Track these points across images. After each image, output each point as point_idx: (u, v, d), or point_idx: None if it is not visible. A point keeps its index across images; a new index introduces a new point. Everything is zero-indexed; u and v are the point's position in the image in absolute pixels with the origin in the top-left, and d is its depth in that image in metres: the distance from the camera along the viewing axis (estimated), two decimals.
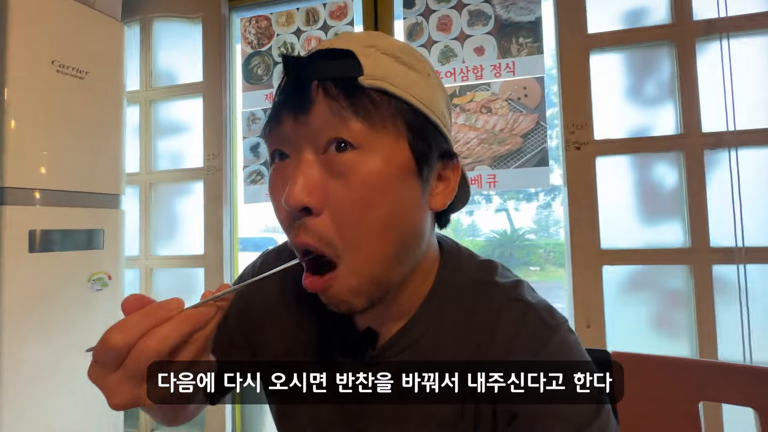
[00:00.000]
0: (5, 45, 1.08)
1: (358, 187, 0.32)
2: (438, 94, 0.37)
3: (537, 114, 1.37)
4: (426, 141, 0.34)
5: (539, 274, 8.18)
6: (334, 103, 0.31)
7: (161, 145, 1.66)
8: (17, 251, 1.09)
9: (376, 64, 0.33)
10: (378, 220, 0.32)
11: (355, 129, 0.31)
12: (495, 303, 0.38)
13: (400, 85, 0.33)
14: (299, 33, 1.59)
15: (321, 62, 0.33)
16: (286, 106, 0.33)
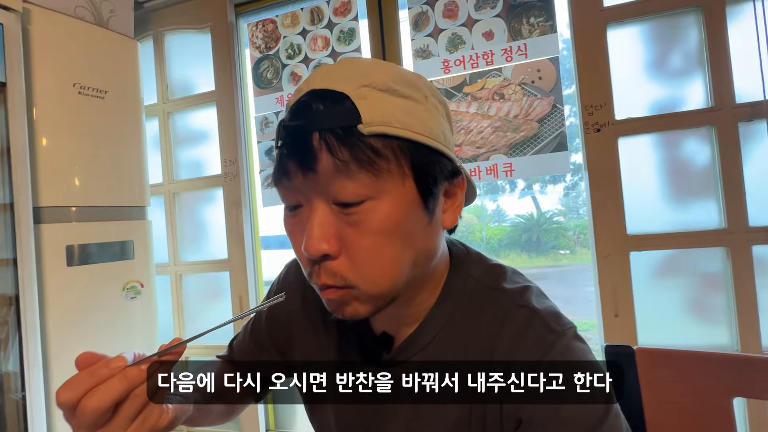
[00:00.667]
0: (31, 71, 1.14)
1: (370, 233, 0.34)
2: (437, 116, 0.38)
3: (553, 97, 1.31)
4: (430, 173, 0.36)
5: (570, 258, 7.92)
6: (338, 159, 0.32)
7: (182, 154, 1.71)
8: (56, 266, 1.16)
9: (373, 107, 0.33)
10: (390, 257, 0.35)
11: (362, 183, 0.33)
12: (501, 308, 0.39)
13: (399, 123, 0.34)
14: (305, 33, 1.59)
15: (318, 111, 0.33)
16: (292, 159, 0.34)
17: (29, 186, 1.09)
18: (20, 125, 1.08)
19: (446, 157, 0.37)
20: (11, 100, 1.06)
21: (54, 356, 1.14)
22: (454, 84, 1.42)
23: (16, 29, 1.08)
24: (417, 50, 1.45)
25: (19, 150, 1.07)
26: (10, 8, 1.07)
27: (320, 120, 0.33)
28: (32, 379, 1.06)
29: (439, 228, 0.39)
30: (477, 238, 8.39)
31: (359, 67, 0.36)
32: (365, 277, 0.35)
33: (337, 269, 0.35)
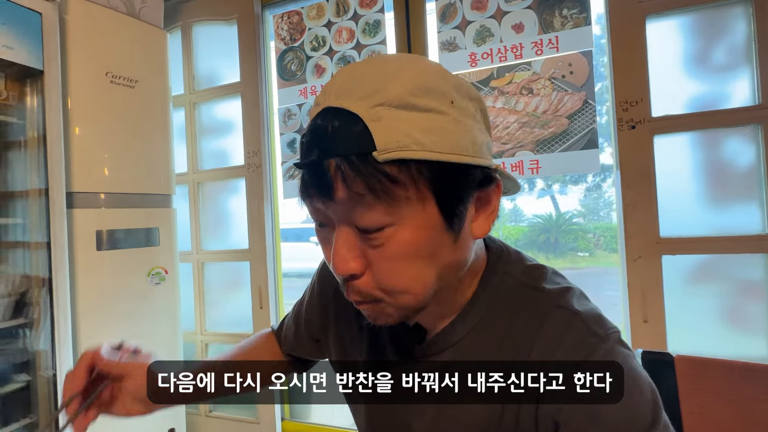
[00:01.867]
0: (66, 59, 1.17)
1: (392, 256, 0.34)
2: (467, 121, 0.35)
3: (584, 92, 1.26)
4: (454, 193, 0.34)
5: (588, 260, 7.72)
6: (353, 188, 0.32)
7: (207, 145, 1.74)
8: (87, 249, 1.20)
9: (388, 129, 0.31)
10: (412, 277, 0.35)
11: (378, 212, 0.32)
12: (539, 309, 0.38)
13: (417, 145, 0.32)
14: (330, 25, 1.58)
15: (332, 135, 0.32)
16: (312, 186, 0.34)
17: (63, 172, 1.13)
18: (56, 113, 1.11)
19: (477, 166, 0.35)
20: (48, 89, 1.09)
21: (83, 336, 1.17)
22: (480, 78, 1.39)
23: (53, 18, 1.11)
24: (443, 43, 1.42)
25: (54, 137, 1.10)
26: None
27: (335, 145, 0.32)
28: (62, 358, 1.10)
29: (468, 241, 0.38)
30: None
31: (376, 77, 0.34)
32: (390, 294, 0.35)
33: (363, 288, 0.35)
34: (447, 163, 0.33)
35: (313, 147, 0.33)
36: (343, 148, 0.32)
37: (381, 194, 0.31)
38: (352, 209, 0.33)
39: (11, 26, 1.02)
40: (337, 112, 0.33)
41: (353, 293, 0.36)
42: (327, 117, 0.33)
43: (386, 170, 0.31)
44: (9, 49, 1.01)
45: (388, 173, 0.31)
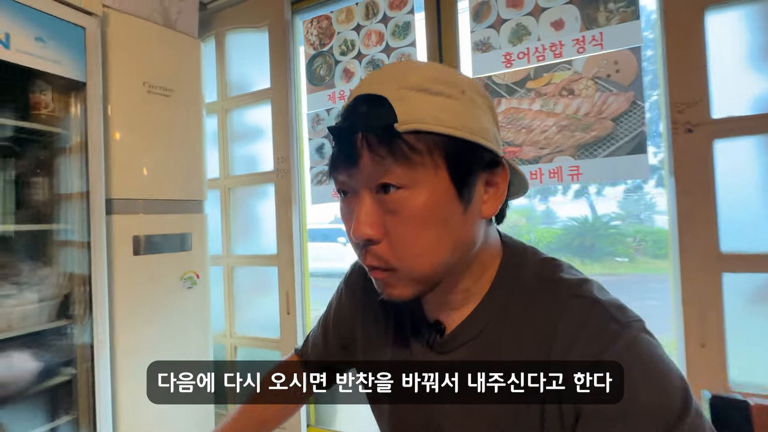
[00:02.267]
0: (107, 70, 1.22)
1: (407, 219, 0.37)
2: (474, 109, 0.39)
3: (632, 92, 1.17)
4: (464, 164, 0.38)
5: (628, 266, 7.28)
6: (376, 153, 0.36)
7: (239, 150, 1.77)
8: (124, 254, 1.24)
9: (409, 106, 0.36)
10: (426, 243, 0.38)
11: (397, 173, 0.36)
12: (558, 299, 0.39)
13: (432, 120, 0.36)
14: (359, 29, 1.56)
15: (361, 114, 0.38)
16: (340, 158, 0.39)
17: (103, 178, 1.17)
18: (97, 123, 1.15)
19: (485, 148, 0.38)
20: (90, 99, 1.14)
21: (120, 335, 1.22)
22: (516, 79, 1.32)
23: (96, 32, 1.15)
24: (476, 43, 1.36)
25: (95, 145, 1.15)
26: (92, 13, 1.14)
27: (363, 122, 0.37)
28: (100, 353, 1.14)
29: (477, 216, 0.40)
30: (525, 240, 8.02)
31: (398, 70, 0.40)
32: (404, 261, 0.38)
33: (380, 253, 0.38)
34: (458, 138, 0.37)
35: (343, 125, 0.39)
36: (369, 123, 0.37)
37: (400, 157, 0.36)
38: (374, 172, 0.37)
39: (58, 41, 1.06)
40: (367, 97, 0.38)
41: (371, 257, 0.39)
42: (358, 102, 0.39)
43: (406, 138, 0.36)
44: (56, 63, 1.06)
45: (407, 140, 0.36)
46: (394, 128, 0.36)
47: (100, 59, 1.16)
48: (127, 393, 1.21)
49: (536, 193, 7.59)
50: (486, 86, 1.36)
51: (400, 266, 0.38)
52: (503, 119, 1.33)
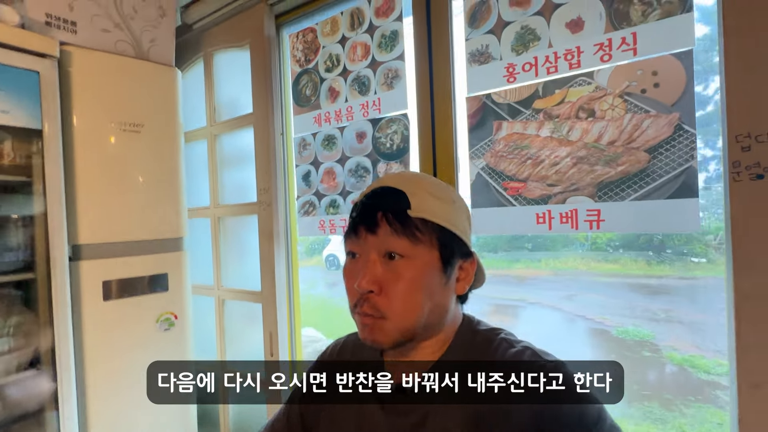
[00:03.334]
0: (70, 111, 1.17)
1: (404, 281, 0.49)
2: (461, 214, 0.54)
3: (677, 113, 0.86)
4: (450, 249, 0.51)
5: (705, 268, 6.27)
6: (392, 227, 0.49)
7: (230, 177, 1.69)
8: (93, 301, 1.21)
9: (420, 201, 0.50)
10: (414, 301, 0.49)
11: (403, 245, 0.49)
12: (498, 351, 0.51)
13: (435, 214, 0.50)
14: (344, 41, 1.37)
15: (384, 199, 0.51)
16: (362, 224, 0.51)
17: (64, 225, 1.13)
18: (56, 169, 1.11)
19: (463, 242, 0.53)
20: (48, 147, 1.09)
21: (89, 381, 1.19)
22: (519, 98, 1.05)
23: (52, 75, 1.10)
24: (472, 53, 1.11)
25: (54, 192, 1.11)
26: (47, 54, 1.09)
27: (385, 203, 0.51)
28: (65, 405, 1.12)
29: (452, 291, 0.53)
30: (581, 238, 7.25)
31: (414, 177, 0.55)
32: (395, 311, 0.49)
33: (377, 302, 0.49)
34: (449, 231, 0.51)
35: (371, 202, 0.52)
36: (390, 205, 0.50)
37: (409, 234, 0.49)
38: (386, 239, 0.49)
39: (7, 90, 1.02)
40: (390, 189, 0.52)
41: (368, 306, 0.49)
42: (382, 190, 0.52)
43: (415, 222, 0.50)
44: (4, 113, 1.02)
45: (416, 223, 0.50)
46: (408, 213, 0.49)
47: (57, 103, 1.11)
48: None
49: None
50: (483, 106, 1.10)
51: (391, 316, 0.48)
52: (504, 147, 1.07)
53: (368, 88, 1.32)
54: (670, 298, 5.04)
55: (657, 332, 4.17)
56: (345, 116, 1.38)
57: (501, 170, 1.08)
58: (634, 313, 4.72)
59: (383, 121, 1.30)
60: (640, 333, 4.23)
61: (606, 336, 4.32)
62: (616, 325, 4.40)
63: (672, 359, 3.72)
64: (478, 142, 1.12)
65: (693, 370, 3.36)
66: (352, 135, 1.37)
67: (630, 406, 3.22)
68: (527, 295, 5.26)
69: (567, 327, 4.50)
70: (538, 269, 6.04)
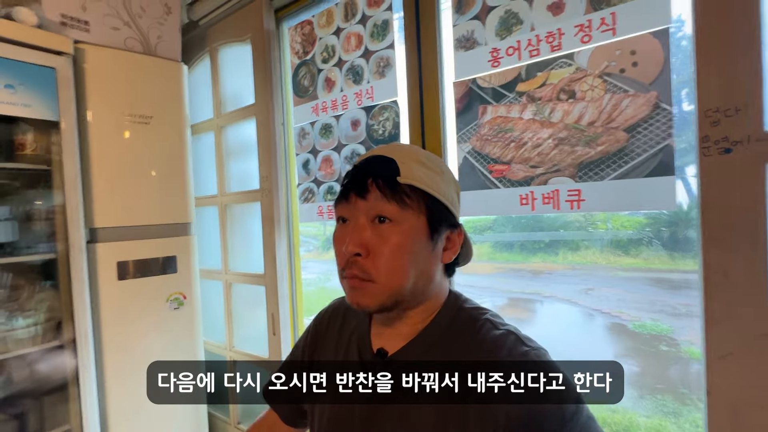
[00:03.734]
0: (84, 105, 1.27)
1: (391, 244, 0.48)
2: (450, 186, 0.54)
3: (655, 91, 0.86)
4: (438, 217, 0.51)
5: None
6: (381, 192, 0.49)
7: (236, 167, 1.77)
8: (109, 280, 1.31)
9: (409, 169, 0.50)
10: (401, 264, 0.49)
11: (392, 209, 0.49)
12: (481, 331, 0.50)
13: (423, 182, 0.50)
14: (339, 32, 1.42)
15: (375, 166, 0.51)
16: (353, 189, 0.50)
17: (81, 210, 1.23)
18: (72, 158, 1.21)
19: (451, 212, 0.53)
20: (64, 138, 1.19)
21: (107, 357, 1.30)
22: (504, 81, 1.07)
23: (67, 72, 1.20)
24: (459, 39, 1.13)
25: (71, 179, 1.21)
26: (62, 52, 1.18)
27: (376, 170, 0.50)
28: (85, 377, 1.23)
29: (438, 259, 0.53)
30: (600, 229, 7.08)
31: (404, 148, 0.55)
32: (381, 273, 0.48)
33: (364, 265, 0.48)
34: (437, 199, 0.51)
35: (362, 169, 0.51)
36: (381, 172, 0.50)
37: (396, 198, 0.49)
38: (376, 203, 0.49)
39: (28, 85, 1.12)
40: (381, 157, 0.52)
41: (356, 268, 0.49)
42: (373, 158, 0.53)
43: (403, 188, 0.49)
44: (26, 107, 1.12)
45: (404, 190, 0.49)
46: (397, 179, 0.49)
47: (73, 96, 1.21)
48: (116, 413, 1.30)
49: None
50: (469, 91, 1.13)
51: (377, 278, 0.48)
52: (488, 131, 1.10)
53: (362, 77, 1.37)
54: (692, 292, 4.87)
55: (676, 327, 4.05)
56: (340, 105, 1.43)
57: (486, 153, 1.10)
58: (654, 308, 4.59)
59: (376, 109, 1.34)
60: (658, 327, 4.13)
61: (622, 330, 4.24)
62: (633, 319, 4.31)
63: (691, 354, 3.62)
64: (464, 126, 1.14)
65: None
66: (347, 123, 1.42)
67: (643, 398, 3.17)
68: (543, 289, 5.20)
69: (583, 320, 4.44)
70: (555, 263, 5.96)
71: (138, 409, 1.35)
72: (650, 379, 3.56)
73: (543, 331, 0.76)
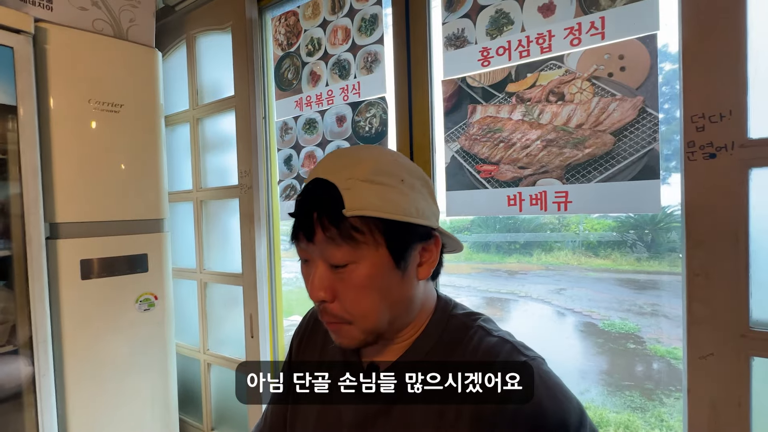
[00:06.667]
0: (46, 89, 1.17)
1: (354, 288, 0.46)
2: (413, 194, 0.48)
3: (642, 96, 0.87)
4: (401, 241, 0.47)
5: None
6: (328, 233, 0.45)
7: (213, 161, 1.69)
8: (71, 280, 1.21)
9: (355, 196, 0.45)
10: (370, 304, 0.47)
11: (344, 254, 0.45)
12: (474, 340, 0.48)
13: (374, 207, 0.45)
14: (325, 25, 1.38)
15: (317, 196, 0.46)
16: (301, 231, 0.47)
17: (41, 203, 1.13)
18: (31, 147, 1.11)
19: (419, 225, 0.48)
20: (23, 125, 1.09)
21: (68, 364, 1.20)
22: (494, 81, 1.06)
23: (26, 52, 1.10)
24: (448, 37, 1.12)
25: (30, 169, 1.11)
26: (21, 30, 1.08)
27: (318, 204, 0.46)
28: (42, 384, 1.13)
29: (414, 279, 0.49)
30: (572, 232, 7.30)
31: (349, 162, 0.48)
32: (353, 315, 0.47)
33: (333, 311, 0.47)
34: (395, 221, 0.46)
35: (304, 204, 0.47)
36: (323, 206, 0.45)
37: (347, 238, 0.45)
38: (326, 248, 0.45)
39: None
40: (322, 182, 0.46)
41: (326, 314, 0.48)
42: (315, 184, 0.47)
43: (351, 222, 0.45)
44: None
45: (353, 224, 0.45)
46: (342, 213, 0.44)
47: (32, 79, 1.11)
48: (78, 424, 1.20)
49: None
50: (458, 90, 1.12)
51: (353, 320, 0.47)
52: (477, 131, 1.09)
53: (348, 72, 1.33)
54: (657, 293, 5.12)
55: (642, 325, 4.24)
56: (326, 100, 1.39)
57: (474, 153, 1.10)
58: (622, 307, 4.79)
59: (362, 105, 1.31)
60: (626, 326, 4.30)
61: (592, 328, 4.39)
62: (603, 318, 4.47)
63: (656, 351, 3.79)
64: (453, 125, 1.13)
65: (675, 362, 3.43)
66: (332, 119, 1.38)
67: (612, 395, 3.28)
68: (518, 289, 5.30)
69: (556, 319, 4.55)
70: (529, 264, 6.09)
71: (102, 418, 1.26)
72: (619, 376, 3.70)
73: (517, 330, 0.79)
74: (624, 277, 5.50)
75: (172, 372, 1.44)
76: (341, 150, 0.51)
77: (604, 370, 3.67)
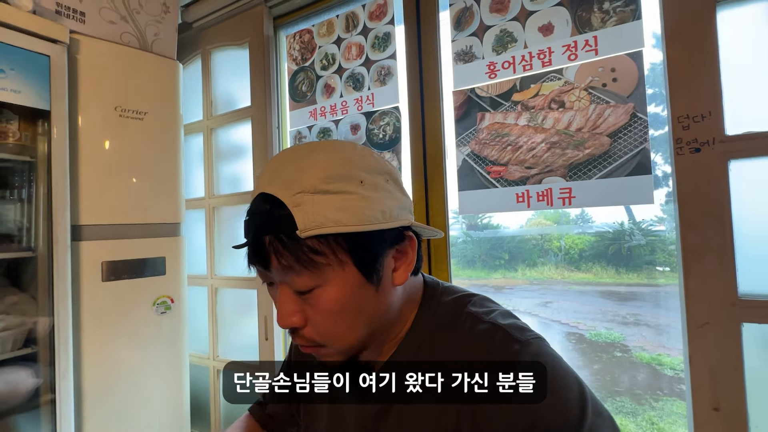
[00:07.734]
0: (76, 96, 1.22)
1: (323, 312, 0.41)
2: (375, 194, 0.42)
3: (632, 103, 1.01)
4: (368, 252, 0.41)
5: (669, 276, 6.67)
6: (283, 260, 0.39)
7: (225, 169, 1.74)
8: (92, 280, 1.23)
9: (307, 212, 0.38)
10: (343, 327, 0.42)
11: (305, 278, 0.40)
12: (466, 329, 0.44)
13: (331, 222, 0.39)
14: (339, 42, 1.49)
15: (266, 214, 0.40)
16: (254, 259, 0.42)
17: (68, 205, 1.16)
18: (61, 150, 1.15)
19: (389, 230, 0.42)
20: (55, 127, 1.13)
21: (86, 362, 1.20)
22: (500, 91, 1.18)
23: (62, 60, 1.15)
24: (458, 53, 1.25)
25: (59, 172, 1.14)
26: (57, 41, 1.14)
27: (267, 226, 0.40)
28: (62, 383, 1.12)
29: (390, 288, 0.44)
30: (554, 248, 7.54)
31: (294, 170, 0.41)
32: (326, 338, 0.42)
33: (306, 335, 0.43)
34: (359, 232, 0.40)
35: (251, 227, 0.41)
36: (273, 228, 0.39)
37: (306, 263, 0.39)
38: (285, 276, 0.40)
39: (20, 71, 1.06)
40: (269, 197, 0.40)
41: (298, 339, 0.44)
42: (261, 202, 0.41)
43: (308, 244, 0.39)
44: (16, 93, 1.06)
45: (310, 246, 0.39)
46: (296, 235, 0.38)
47: (66, 86, 1.16)
48: (93, 427, 1.19)
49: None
50: (468, 99, 1.23)
51: (327, 343, 0.43)
52: (486, 135, 1.20)
53: (362, 84, 1.44)
54: (639, 303, 5.33)
55: (627, 334, 4.40)
56: (340, 110, 1.48)
57: (484, 156, 1.20)
58: (606, 317, 4.95)
59: (376, 114, 1.41)
60: (611, 336, 4.44)
61: (580, 338, 4.51)
62: (589, 328, 4.61)
63: (641, 358, 3.93)
64: (463, 131, 1.24)
65: (660, 368, 3.57)
66: (346, 127, 1.47)
67: (603, 401, 3.38)
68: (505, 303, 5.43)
69: (544, 330, 4.67)
70: (515, 279, 6.24)
71: (117, 424, 1.25)
72: (609, 382, 3.81)
73: None
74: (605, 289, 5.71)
75: (185, 376, 1.44)
76: (288, 152, 0.44)
77: (594, 377, 3.77)
